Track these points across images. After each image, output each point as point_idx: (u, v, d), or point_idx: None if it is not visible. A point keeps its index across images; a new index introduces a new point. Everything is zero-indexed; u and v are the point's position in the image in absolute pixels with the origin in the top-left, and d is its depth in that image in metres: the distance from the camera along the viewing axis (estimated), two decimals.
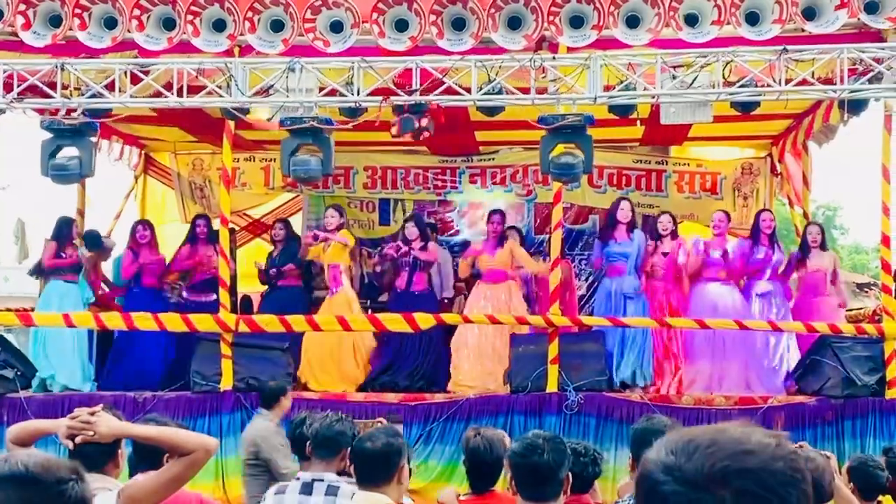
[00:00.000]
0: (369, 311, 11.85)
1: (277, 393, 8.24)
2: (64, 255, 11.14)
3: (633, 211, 11.27)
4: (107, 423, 3.72)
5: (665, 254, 10.96)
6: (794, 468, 1.49)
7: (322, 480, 4.87)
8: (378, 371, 10.89)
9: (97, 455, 3.83)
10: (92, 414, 3.73)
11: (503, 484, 5.43)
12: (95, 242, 11.90)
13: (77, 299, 10.98)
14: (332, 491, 4.81)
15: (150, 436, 3.90)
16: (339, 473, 5.07)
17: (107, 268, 12.43)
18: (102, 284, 12.07)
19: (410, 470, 4.80)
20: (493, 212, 12.01)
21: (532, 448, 4.04)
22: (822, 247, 11.26)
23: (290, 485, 4.98)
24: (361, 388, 10.63)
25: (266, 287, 11.95)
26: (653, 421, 4.46)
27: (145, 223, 12.11)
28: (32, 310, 11.20)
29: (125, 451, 4.12)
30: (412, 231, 11.44)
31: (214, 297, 10.56)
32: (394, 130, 9.15)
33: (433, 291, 11.58)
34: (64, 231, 11.28)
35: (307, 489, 4.86)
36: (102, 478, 3.83)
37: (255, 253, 13.35)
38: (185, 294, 11.72)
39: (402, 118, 9.00)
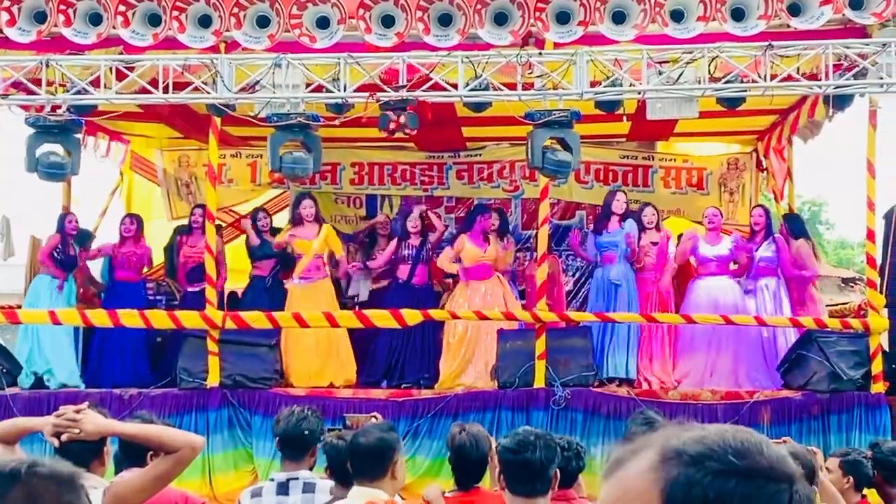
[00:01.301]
0: (357, 307, 11.85)
1: None
2: (58, 253, 11.10)
3: (628, 203, 11.34)
4: (92, 420, 3.72)
5: (654, 243, 11.01)
6: None
7: (297, 479, 4.83)
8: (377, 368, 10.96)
9: (83, 453, 3.82)
10: (78, 412, 3.73)
11: (487, 482, 5.45)
12: (86, 240, 11.88)
13: (67, 297, 10.93)
14: (308, 488, 4.78)
15: (135, 433, 3.89)
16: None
17: (94, 266, 12.41)
18: (86, 282, 12.05)
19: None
20: (480, 207, 12.03)
21: (524, 444, 4.05)
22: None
23: (266, 486, 4.89)
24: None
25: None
26: (652, 423, 4.46)
27: (132, 217, 12.12)
28: (19, 307, 11.15)
29: (111, 448, 4.11)
30: (416, 223, 11.51)
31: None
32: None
33: (432, 285, 11.60)
34: (64, 226, 11.30)
35: (283, 489, 4.80)
36: (88, 476, 3.82)
37: (242, 250, 13.29)
38: (179, 285, 11.77)
39: (380, 115, 9.01)
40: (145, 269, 12.13)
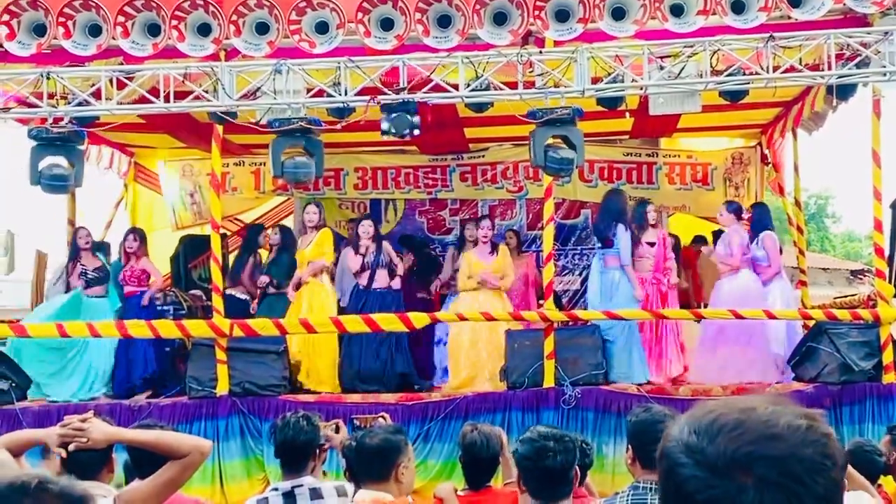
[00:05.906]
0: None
1: None
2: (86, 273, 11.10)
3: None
4: (99, 428, 3.70)
5: (651, 244, 10.92)
6: (825, 454, 1.40)
7: (302, 486, 4.71)
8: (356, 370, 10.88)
9: (91, 462, 3.81)
10: (83, 420, 3.71)
11: (498, 480, 5.43)
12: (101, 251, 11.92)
13: (106, 313, 10.92)
14: (316, 494, 4.67)
15: (142, 440, 3.87)
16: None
17: None
18: None
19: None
20: (482, 218, 11.98)
21: (542, 452, 3.96)
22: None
23: (270, 496, 4.77)
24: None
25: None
26: (652, 412, 4.42)
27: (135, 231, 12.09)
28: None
29: (116, 456, 4.09)
30: (367, 229, 11.25)
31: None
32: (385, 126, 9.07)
33: (398, 289, 11.40)
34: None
35: (290, 498, 4.70)
36: (97, 485, 3.80)
37: None
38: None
39: (381, 118, 8.97)
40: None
